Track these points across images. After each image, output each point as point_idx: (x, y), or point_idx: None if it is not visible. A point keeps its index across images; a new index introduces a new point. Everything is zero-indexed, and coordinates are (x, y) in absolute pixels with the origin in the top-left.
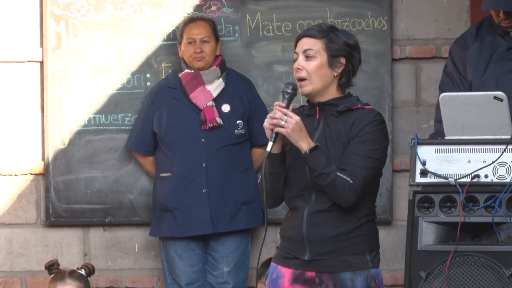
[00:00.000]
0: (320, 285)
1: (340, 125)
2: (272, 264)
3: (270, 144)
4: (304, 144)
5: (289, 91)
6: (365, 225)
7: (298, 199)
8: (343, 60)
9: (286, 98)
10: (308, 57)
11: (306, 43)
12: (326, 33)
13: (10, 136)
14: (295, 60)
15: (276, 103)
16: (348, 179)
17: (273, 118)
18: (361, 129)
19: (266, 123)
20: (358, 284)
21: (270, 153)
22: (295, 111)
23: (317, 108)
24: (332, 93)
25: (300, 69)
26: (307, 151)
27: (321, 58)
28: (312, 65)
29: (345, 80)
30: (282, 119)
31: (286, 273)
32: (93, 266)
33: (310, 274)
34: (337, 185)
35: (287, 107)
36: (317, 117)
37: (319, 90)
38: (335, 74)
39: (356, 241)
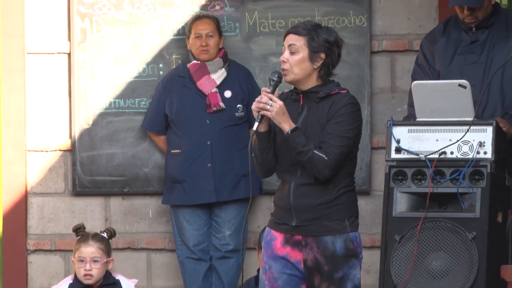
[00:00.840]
0: (305, 246)
1: (320, 109)
2: (267, 228)
3: (256, 124)
4: (286, 125)
5: (275, 78)
6: (343, 195)
7: (286, 174)
8: (322, 55)
9: (272, 85)
10: (292, 52)
11: (292, 39)
12: (309, 31)
13: (42, 117)
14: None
15: (263, 88)
16: (324, 156)
17: (260, 102)
18: (336, 112)
19: (254, 106)
20: (337, 245)
21: (257, 132)
22: (284, 95)
23: (301, 95)
24: (313, 82)
25: (284, 61)
26: (289, 132)
27: (302, 53)
28: (294, 59)
29: (324, 72)
30: (268, 103)
31: (278, 237)
32: (114, 230)
33: (297, 237)
34: (314, 161)
35: (272, 92)
36: (301, 102)
37: (300, 79)
38: (315, 66)
39: (335, 209)
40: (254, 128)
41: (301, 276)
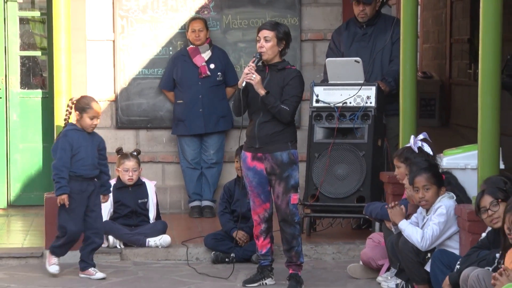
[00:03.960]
0: (265, 160)
1: (278, 77)
2: (242, 150)
3: (243, 84)
4: (262, 91)
5: (258, 57)
6: (287, 128)
7: (254, 114)
8: (283, 42)
9: (256, 61)
10: (266, 41)
11: (265, 32)
12: (275, 27)
13: (97, 80)
14: (258, 41)
15: (250, 63)
16: (287, 108)
17: (247, 73)
18: (289, 81)
19: (244, 74)
20: (284, 157)
21: (241, 89)
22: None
23: (267, 67)
24: (276, 59)
25: (262, 47)
26: (264, 95)
27: (273, 41)
28: (268, 45)
29: (282, 53)
30: (252, 75)
31: (248, 155)
32: (139, 150)
33: (259, 154)
34: (281, 112)
35: (256, 65)
36: (266, 71)
37: (271, 58)
38: (279, 49)
39: (282, 136)
40: (240, 87)
41: (265, 178)
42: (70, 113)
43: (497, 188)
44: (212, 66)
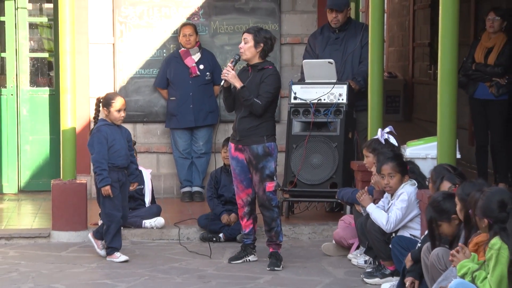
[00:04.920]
0: (244, 151)
1: (258, 76)
2: (229, 141)
3: (222, 83)
4: (237, 84)
5: (236, 57)
6: (264, 123)
7: (237, 110)
8: (261, 45)
9: (234, 61)
10: (245, 42)
11: (245, 35)
12: (255, 31)
13: (98, 79)
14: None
15: (228, 64)
16: (259, 102)
17: (224, 72)
18: (265, 78)
19: (222, 73)
20: (259, 150)
21: (223, 87)
22: (245, 67)
23: (250, 67)
24: (256, 59)
25: (241, 48)
26: (240, 88)
27: (251, 43)
28: (246, 46)
29: (262, 54)
30: (228, 73)
31: (232, 146)
32: (135, 141)
33: (240, 146)
34: (254, 105)
35: (234, 65)
36: (250, 71)
37: (249, 58)
38: (258, 51)
39: (259, 130)
40: (221, 85)
41: (246, 167)
42: (98, 111)
43: (454, 175)
44: (201, 66)
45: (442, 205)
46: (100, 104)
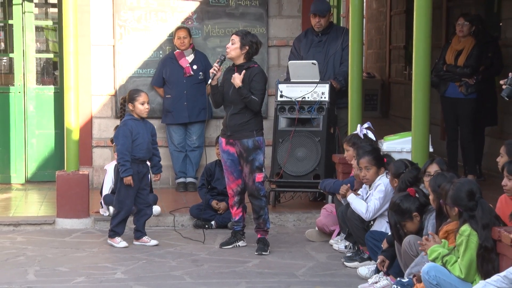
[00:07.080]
0: (235, 145)
1: (246, 75)
2: (220, 136)
3: (209, 81)
4: (239, 82)
5: (222, 58)
6: (253, 118)
7: (227, 107)
8: (247, 47)
9: (220, 61)
10: (232, 43)
11: (234, 37)
12: (242, 34)
13: (100, 78)
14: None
15: (214, 64)
16: (256, 98)
17: (212, 70)
18: (253, 77)
19: (210, 71)
20: (249, 143)
21: (210, 85)
22: (231, 66)
23: (235, 67)
24: (241, 60)
25: (228, 47)
26: (241, 86)
27: (237, 44)
28: (232, 47)
29: (246, 56)
30: (214, 71)
31: (223, 140)
32: None
33: (231, 140)
34: (252, 102)
35: (220, 65)
36: (235, 71)
37: (234, 57)
38: (242, 52)
39: (249, 125)
40: (209, 83)
41: (236, 160)
42: (123, 110)
43: (444, 161)
44: (195, 67)
45: (401, 206)
46: (125, 102)
